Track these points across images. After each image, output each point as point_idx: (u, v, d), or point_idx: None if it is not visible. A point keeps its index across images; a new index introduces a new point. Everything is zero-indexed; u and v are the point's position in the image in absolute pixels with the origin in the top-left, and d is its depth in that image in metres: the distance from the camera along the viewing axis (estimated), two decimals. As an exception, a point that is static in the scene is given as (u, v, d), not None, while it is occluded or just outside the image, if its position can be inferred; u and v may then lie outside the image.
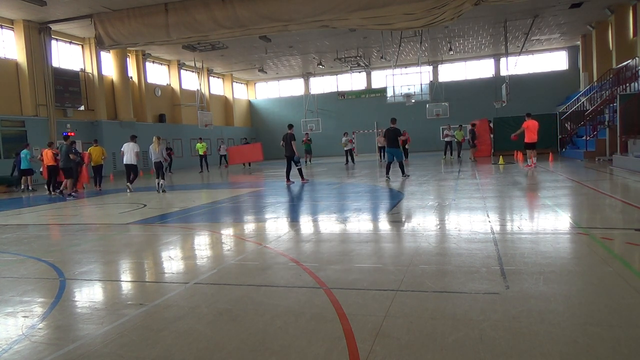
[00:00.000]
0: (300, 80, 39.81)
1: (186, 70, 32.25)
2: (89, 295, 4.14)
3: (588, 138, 18.72)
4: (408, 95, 27.14)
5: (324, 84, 39.36)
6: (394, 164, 14.18)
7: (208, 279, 4.33)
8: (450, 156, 23.00)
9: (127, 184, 13.86)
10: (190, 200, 11.30)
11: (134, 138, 14.13)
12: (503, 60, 32.36)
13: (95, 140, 17.34)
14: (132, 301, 3.84)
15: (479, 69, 35.49)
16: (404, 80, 27.74)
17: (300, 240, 5.92)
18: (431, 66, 34.77)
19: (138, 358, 2.74)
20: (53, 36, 21.35)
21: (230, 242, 6.25)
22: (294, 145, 13.79)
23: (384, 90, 32.24)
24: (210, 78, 35.17)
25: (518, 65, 30.36)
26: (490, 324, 2.92)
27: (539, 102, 30.98)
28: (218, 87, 37.08)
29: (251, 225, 7.56)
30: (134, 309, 3.57)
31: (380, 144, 24.90)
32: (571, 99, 26.22)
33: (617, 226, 5.90)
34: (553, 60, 33.81)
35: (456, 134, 23.12)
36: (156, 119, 29.48)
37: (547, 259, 4.36)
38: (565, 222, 6.18)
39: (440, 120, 30.64)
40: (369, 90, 38.20)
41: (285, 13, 15.38)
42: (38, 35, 20.53)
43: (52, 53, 21.26)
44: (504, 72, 30.35)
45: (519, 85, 31.32)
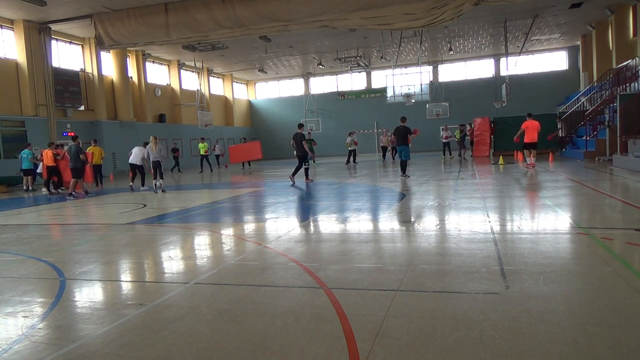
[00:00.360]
0: (300, 80, 39.80)
1: (186, 70, 32.24)
2: (89, 295, 4.14)
3: (588, 138, 18.72)
4: (408, 95, 27.12)
5: (324, 84, 39.34)
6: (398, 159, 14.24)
7: (208, 279, 4.33)
8: (450, 156, 23.02)
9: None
10: (190, 200, 11.30)
11: (146, 144, 14.30)
12: (503, 60, 32.35)
13: (95, 140, 17.32)
14: (132, 301, 3.84)
15: (479, 69, 35.47)
16: (404, 80, 27.73)
17: (300, 240, 5.92)
18: (431, 66, 34.76)
19: (138, 358, 2.74)
20: (53, 36, 21.34)
21: (230, 242, 6.25)
22: (305, 144, 13.85)
23: (384, 90, 32.22)
24: (210, 78, 35.16)
25: (518, 65, 30.34)
26: (490, 324, 2.92)
27: (539, 102, 30.96)
28: (218, 87, 37.07)
29: (251, 225, 7.56)
30: (134, 309, 3.57)
31: (383, 144, 24.66)
32: (571, 99, 26.22)
33: (617, 226, 5.90)
34: (553, 60, 33.80)
35: (456, 133, 23.16)
36: (156, 119, 29.47)
37: (547, 259, 4.36)
38: (565, 222, 6.18)
39: (440, 120, 30.62)
40: (369, 90, 38.18)
41: (285, 13, 15.39)
42: (38, 35, 20.52)
43: (52, 53, 21.24)
44: (504, 72, 30.34)
45: (519, 85, 31.31)
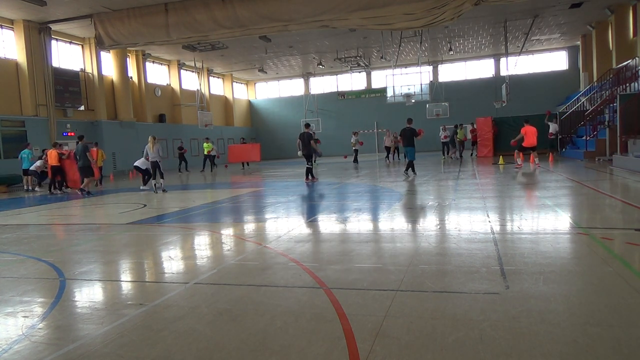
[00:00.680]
0: (300, 80, 39.79)
1: (186, 70, 32.23)
2: (89, 295, 4.14)
3: (588, 138, 18.72)
4: (408, 95, 27.11)
5: (324, 84, 39.34)
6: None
7: (208, 279, 4.33)
8: (449, 156, 23.03)
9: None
10: (190, 200, 11.30)
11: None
12: (503, 60, 32.35)
13: (96, 143, 17.37)
14: (132, 301, 3.84)
15: (479, 69, 35.48)
16: (404, 80, 27.71)
17: (300, 240, 5.92)
18: (431, 66, 34.75)
19: (138, 358, 2.74)
20: (53, 36, 21.35)
21: (230, 242, 6.25)
22: (313, 143, 14.20)
23: (384, 90, 32.21)
24: (210, 78, 35.16)
25: (518, 65, 30.33)
26: (490, 324, 2.92)
27: (539, 102, 30.95)
28: (218, 87, 37.07)
29: (251, 225, 7.56)
30: (134, 309, 3.57)
31: (387, 144, 24.43)
32: (571, 99, 26.20)
33: (617, 226, 5.89)
34: (553, 60, 33.80)
35: (458, 133, 23.19)
36: (156, 119, 29.47)
37: (547, 259, 4.36)
38: (565, 222, 6.18)
39: (440, 120, 30.63)
40: (369, 90, 38.18)
41: (285, 13, 15.38)
42: (38, 35, 20.52)
43: (52, 53, 21.25)
44: (504, 72, 30.33)
45: (519, 85, 31.30)
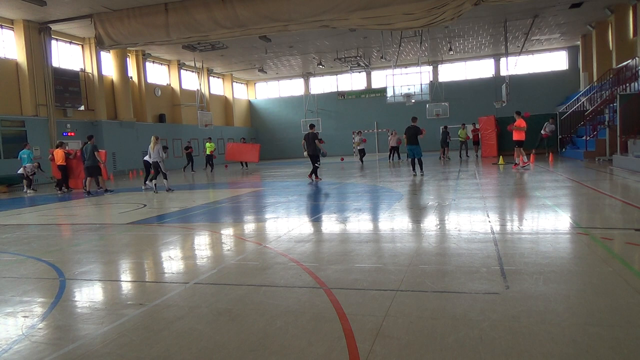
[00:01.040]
0: (300, 80, 39.80)
1: (186, 70, 32.24)
2: (89, 295, 4.14)
3: (588, 138, 18.72)
4: (408, 95, 27.12)
5: (324, 84, 39.34)
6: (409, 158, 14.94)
7: (208, 279, 4.33)
8: (448, 157, 23.07)
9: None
10: (191, 200, 11.30)
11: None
12: (503, 60, 32.36)
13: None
14: (132, 301, 3.84)
15: (479, 69, 35.48)
16: (404, 80, 27.73)
17: (300, 240, 5.91)
18: (431, 66, 34.73)
19: (138, 358, 2.74)
20: (53, 36, 21.35)
21: (230, 242, 6.25)
22: (317, 142, 14.45)
23: (384, 90, 32.23)
24: (210, 78, 35.16)
25: (518, 65, 30.34)
26: (490, 324, 2.92)
27: (538, 102, 30.97)
28: (218, 87, 37.07)
29: (251, 225, 7.56)
30: (134, 309, 3.57)
31: (392, 144, 24.11)
32: (571, 99, 26.22)
33: (617, 226, 5.89)
34: (553, 60, 33.80)
35: (460, 133, 23.16)
36: (156, 119, 29.47)
37: (547, 259, 4.35)
38: (565, 222, 6.17)
39: (440, 120, 30.64)
40: (369, 90, 38.18)
41: (285, 13, 15.39)
42: (38, 35, 20.52)
43: (52, 53, 21.26)
44: (504, 72, 30.32)
45: (519, 85, 31.31)
